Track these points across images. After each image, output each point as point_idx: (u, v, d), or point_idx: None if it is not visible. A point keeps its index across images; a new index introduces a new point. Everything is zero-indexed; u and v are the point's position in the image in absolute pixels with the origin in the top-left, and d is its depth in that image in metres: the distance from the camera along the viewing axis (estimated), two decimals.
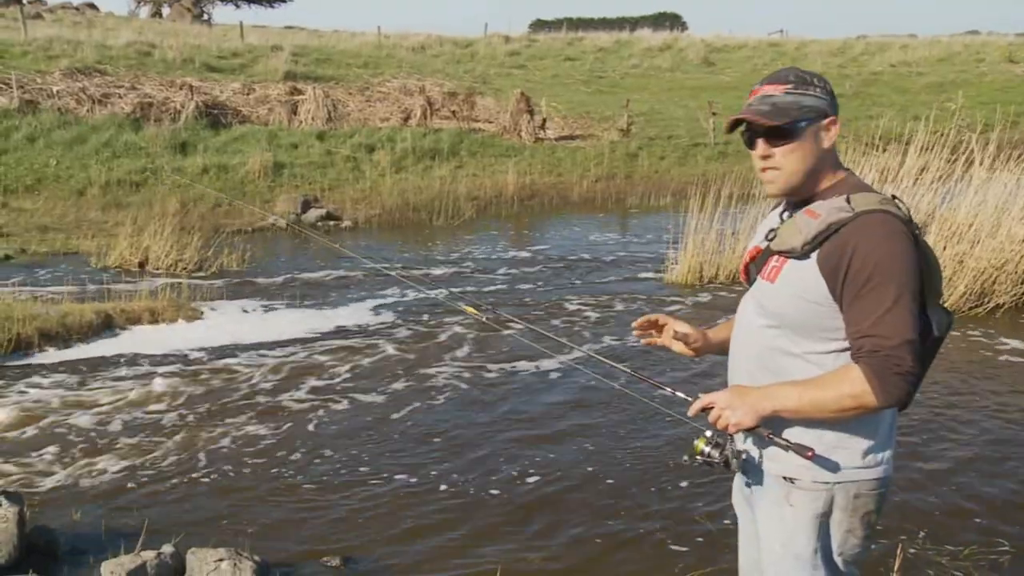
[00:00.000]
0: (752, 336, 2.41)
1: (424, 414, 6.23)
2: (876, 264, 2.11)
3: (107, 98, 17.65)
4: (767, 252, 2.35)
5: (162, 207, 12.91)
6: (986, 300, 8.40)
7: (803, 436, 2.27)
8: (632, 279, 10.29)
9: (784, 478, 2.35)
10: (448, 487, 5.10)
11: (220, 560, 3.89)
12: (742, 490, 2.57)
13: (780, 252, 2.29)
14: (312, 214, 13.72)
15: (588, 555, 4.40)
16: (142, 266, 10.47)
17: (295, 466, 5.38)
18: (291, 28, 39.45)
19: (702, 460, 2.32)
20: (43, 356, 7.31)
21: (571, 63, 29.49)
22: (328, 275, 10.44)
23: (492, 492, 5.03)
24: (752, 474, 2.45)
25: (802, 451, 2.21)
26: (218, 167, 15.30)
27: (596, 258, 11.46)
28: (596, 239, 12.92)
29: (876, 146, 9.55)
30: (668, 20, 57.92)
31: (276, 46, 24.11)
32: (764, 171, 2.32)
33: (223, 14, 48.53)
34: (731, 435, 2.30)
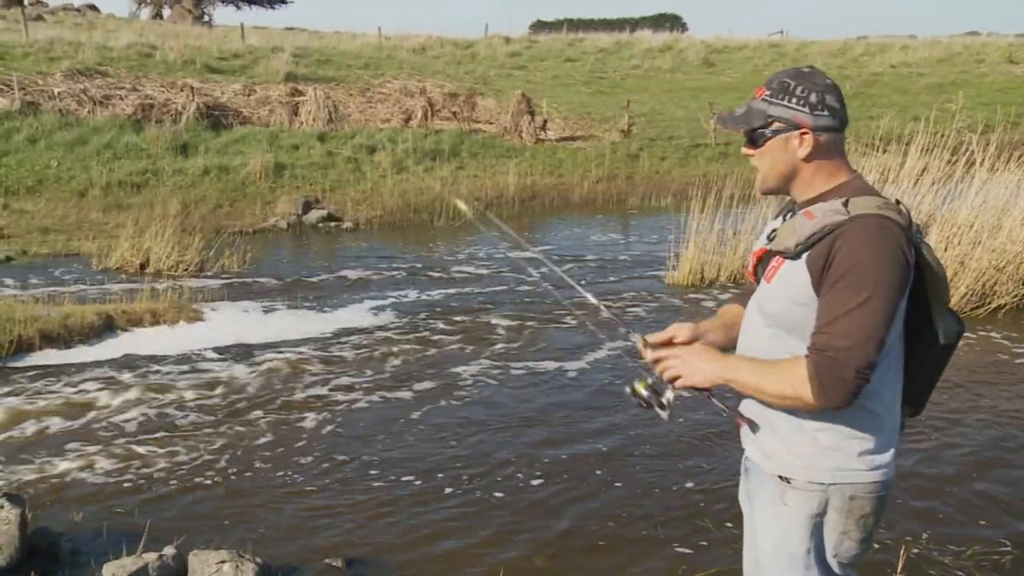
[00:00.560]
0: (755, 336, 2.43)
1: (427, 415, 6.23)
2: (854, 264, 2.10)
3: (108, 99, 17.66)
4: (771, 253, 2.36)
5: (163, 208, 12.92)
6: (987, 301, 8.40)
7: (797, 436, 2.29)
8: (634, 280, 10.29)
9: (780, 477, 2.35)
10: (452, 488, 5.10)
11: (222, 562, 3.89)
12: (746, 488, 2.58)
13: (778, 252, 2.30)
14: (313, 215, 13.73)
15: (592, 556, 4.39)
16: (143, 267, 10.47)
17: (297, 467, 5.38)
18: (292, 29, 39.46)
19: (637, 400, 2.40)
20: (44, 357, 7.31)
21: (572, 64, 29.50)
22: (329, 276, 10.45)
23: (496, 494, 5.02)
24: (751, 472, 2.46)
25: (738, 416, 2.30)
26: (219, 168, 15.31)
27: (597, 259, 11.46)
28: (597, 240, 12.92)
29: (877, 147, 9.55)
30: (668, 21, 57.91)
31: (277, 47, 24.13)
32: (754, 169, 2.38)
33: (224, 15, 48.63)
34: (669, 384, 2.35)
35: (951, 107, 13.45)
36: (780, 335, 2.31)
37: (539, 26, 54.67)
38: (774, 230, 2.37)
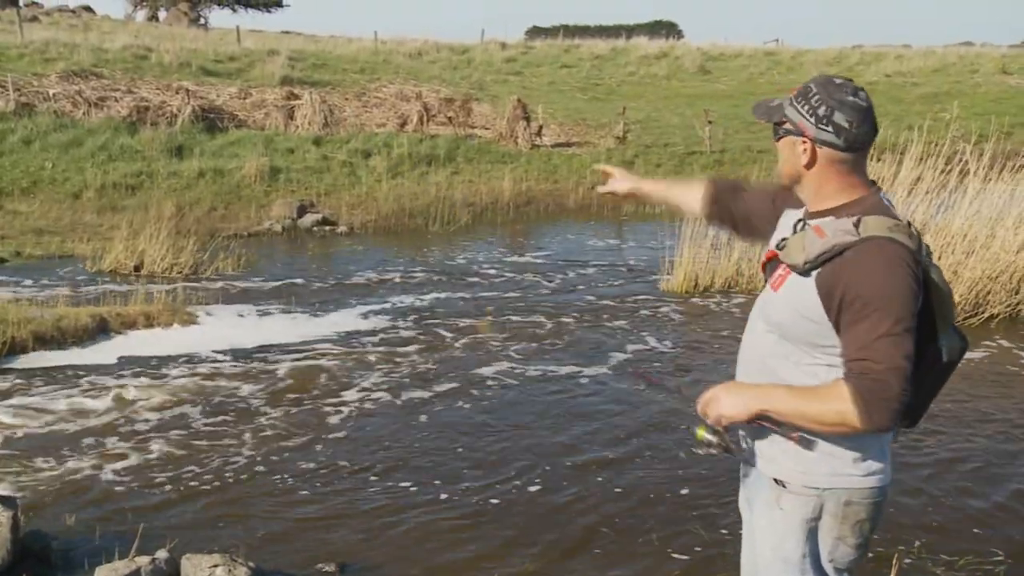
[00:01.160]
0: (756, 339, 2.45)
1: (422, 420, 6.23)
2: (869, 292, 2.12)
3: (103, 101, 17.64)
4: (778, 259, 2.37)
5: (158, 211, 12.89)
6: (981, 310, 8.42)
7: (785, 439, 2.29)
8: (628, 287, 10.29)
9: (776, 481, 2.36)
10: (448, 495, 5.09)
11: (215, 566, 3.88)
12: (745, 494, 2.59)
13: (785, 264, 2.31)
14: (308, 219, 13.72)
15: (588, 564, 4.39)
16: (137, 270, 10.46)
17: (291, 472, 5.37)
18: (288, 33, 39.47)
19: (704, 450, 2.40)
20: (38, 359, 7.28)
21: (567, 70, 29.52)
22: (324, 280, 10.44)
23: (493, 501, 5.02)
24: (750, 476, 2.47)
25: (786, 433, 2.25)
26: (214, 171, 15.29)
27: (592, 266, 11.47)
28: (592, 246, 12.93)
29: (871, 156, 9.55)
30: (664, 28, 57.96)
31: (273, 51, 24.11)
32: None
33: (219, 18, 48.78)
34: (726, 428, 2.34)
35: (945, 116, 13.49)
36: (783, 343, 2.33)
37: (535, 32, 54.71)
38: (784, 239, 2.37)
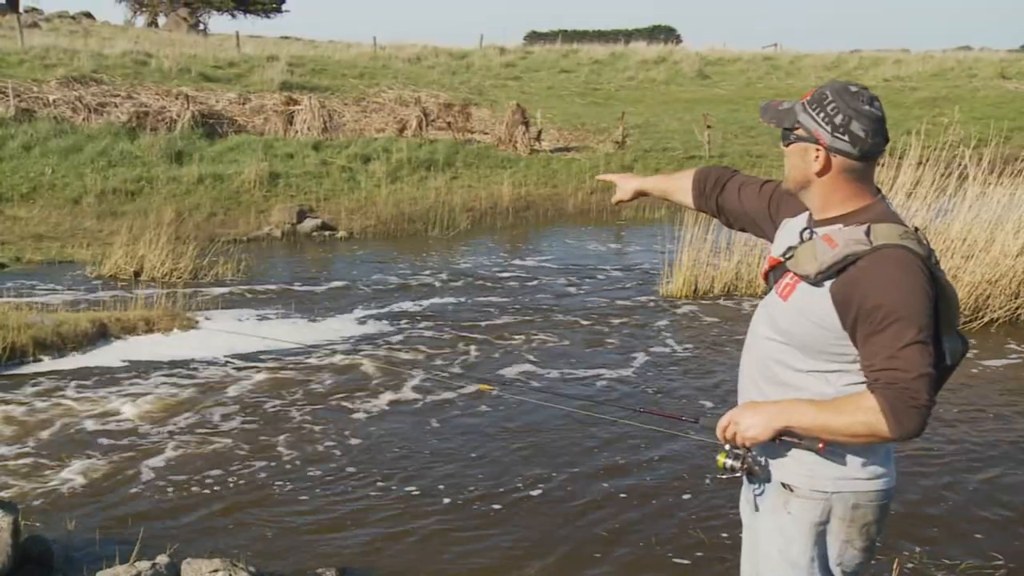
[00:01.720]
0: (759, 345, 2.45)
1: (424, 425, 6.23)
2: (891, 301, 2.12)
3: (103, 107, 17.65)
4: (783, 266, 2.36)
5: (157, 216, 12.89)
6: (980, 315, 8.43)
7: (806, 450, 2.29)
8: (628, 292, 10.29)
9: (783, 485, 2.36)
10: (451, 500, 5.10)
11: (215, 571, 3.88)
12: (748, 498, 2.59)
13: (795, 273, 2.30)
14: (307, 224, 13.73)
15: (588, 567, 4.40)
16: (137, 275, 10.46)
17: (291, 476, 5.37)
18: (287, 38, 39.52)
19: (727, 475, 2.40)
20: (38, 365, 7.29)
21: (566, 75, 29.55)
22: (324, 285, 10.44)
23: (495, 506, 5.02)
24: (758, 482, 2.47)
25: (812, 445, 2.24)
26: (214, 177, 15.29)
27: (591, 270, 11.47)
28: (591, 251, 12.93)
29: None
30: (663, 33, 58.16)
31: (272, 56, 24.15)
32: None
33: (219, 24, 48.81)
34: (748, 448, 2.33)
35: (944, 121, 13.51)
36: (792, 351, 2.33)
37: (534, 37, 54.85)
38: (791, 247, 2.36)
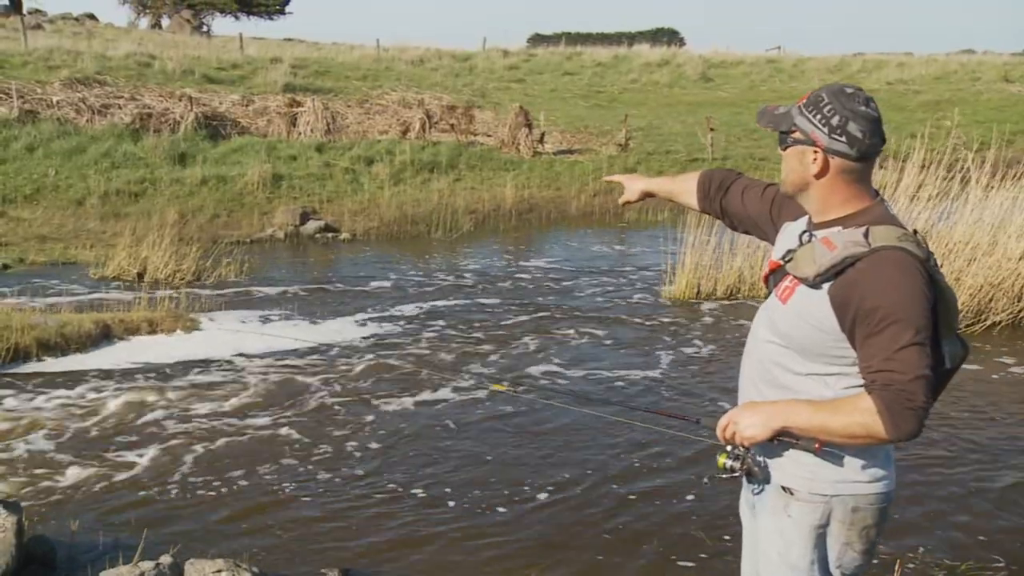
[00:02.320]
0: (758, 348, 2.46)
1: (428, 427, 6.23)
2: (889, 303, 2.12)
3: (107, 108, 17.68)
4: (783, 270, 2.37)
5: (161, 218, 12.93)
6: (983, 317, 8.43)
7: (803, 451, 2.30)
8: (630, 294, 10.30)
9: (783, 488, 2.37)
10: (455, 502, 5.10)
11: (219, 571, 3.89)
12: (748, 499, 2.60)
13: (794, 276, 2.31)
14: (311, 226, 13.74)
15: (590, 569, 4.40)
16: (141, 276, 10.47)
17: (294, 477, 5.38)
18: (290, 40, 39.58)
19: (727, 475, 2.41)
20: (41, 365, 7.30)
21: (569, 77, 29.59)
22: (327, 287, 10.45)
23: (499, 508, 5.02)
24: (757, 483, 2.48)
25: (808, 445, 2.25)
26: (217, 178, 15.31)
27: (594, 272, 11.48)
28: (594, 253, 12.94)
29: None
30: (666, 36, 58.17)
31: (275, 58, 24.21)
32: None
33: (222, 26, 48.77)
34: (747, 448, 2.34)
35: (947, 124, 13.51)
36: (792, 354, 2.34)
37: (537, 39, 54.85)
38: (790, 251, 2.37)
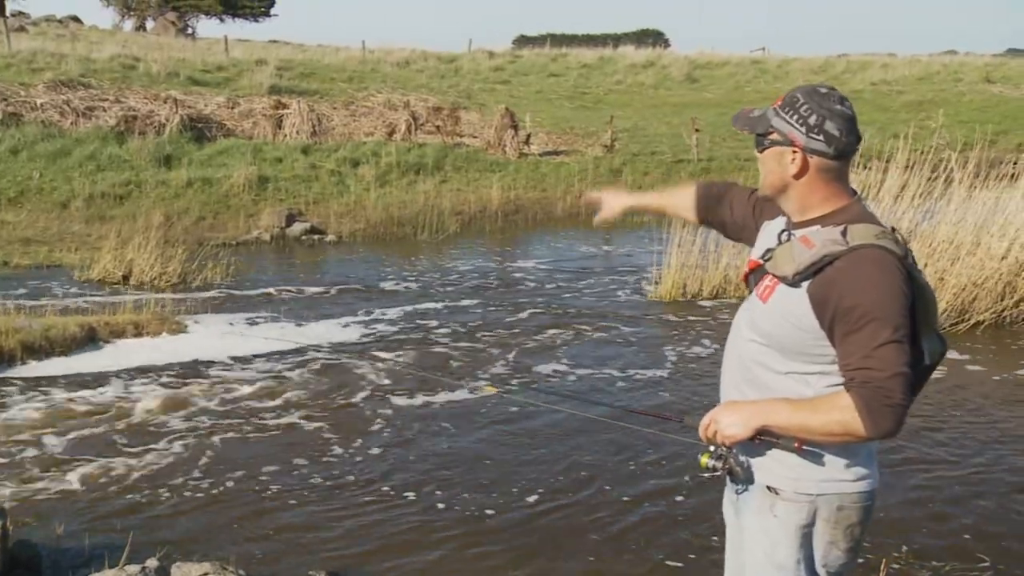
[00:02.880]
0: (740, 347, 2.47)
1: (417, 430, 6.23)
2: (867, 301, 2.14)
3: (91, 111, 17.59)
4: (763, 269, 2.38)
5: (146, 220, 12.86)
6: (967, 317, 8.48)
7: (784, 448, 2.31)
8: (616, 294, 10.33)
9: (768, 488, 2.38)
10: (444, 506, 5.09)
11: (205, 574, 3.88)
12: (731, 498, 2.61)
13: (773, 275, 2.32)
14: (297, 228, 13.72)
15: (577, 569, 4.41)
16: (126, 279, 10.43)
17: (280, 480, 5.37)
18: (275, 42, 39.45)
19: (709, 474, 2.40)
20: (26, 369, 7.26)
21: (555, 79, 29.62)
22: (313, 289, 10.43)
23: (488, 512, 5.02)
24: (739, 483, 2.49)
25: (788, 444, 2.26)
26: (202, 180, 15.26)
27: (581, 273, 11.50)
28: (580, 254, 12.96)
29: (857, 163, 9.65)
30: (651, 37, 58.32)
31: (261, 60, 24.13)
32: None
33: (207, 28, 48.61)
34: (728, 447, 2.35)
35: (930, 125, 13.60)
36: (772, 353, 2.35)
37: (522, 41, 54.89)
38: (769, 250, 2.38)
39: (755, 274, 2.43)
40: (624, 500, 5.14)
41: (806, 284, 2.23)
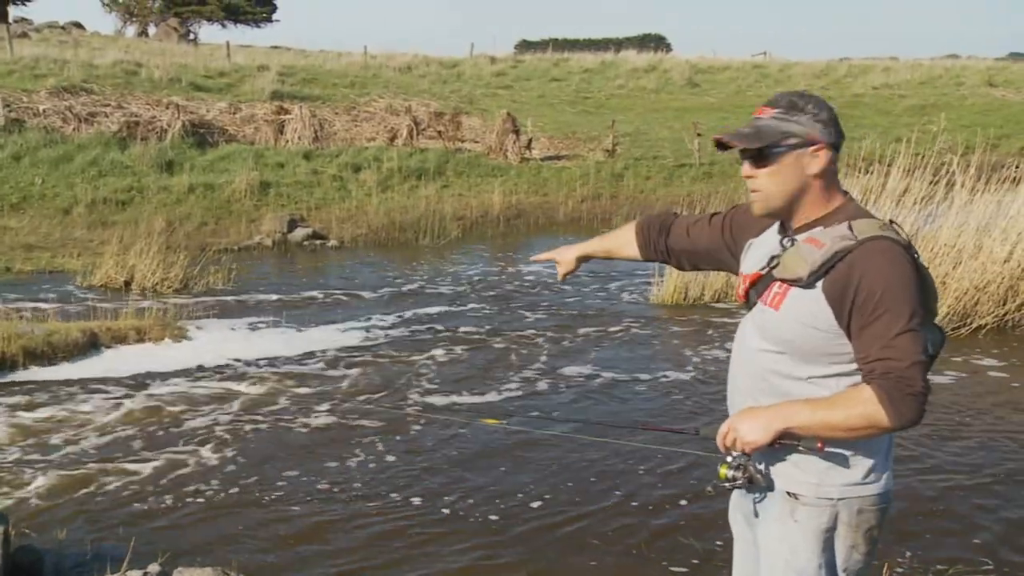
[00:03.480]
0: (752, 358, 2.42)
1: (419, 437, 6.22)
2: (883, 291, 2.14)
3: (93, 117, 17.64)
4: (768, 277, 2.37)
5: (148, 226, 12.89)
6: (969, 321, 8.47)
7: (807, 452, 2.30)
8: (619, 298, 10.33)
9: (788, 494, 2.36)
10: (448, 510, 5.08)
11: None
12: (740, 506, 2.58)
13: (784, 280, 2.31)
14: (298, 233, 13.73)
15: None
16: (128, 285, 10.44)
17: (284, 486, 5.36)
18: (277, 48, 39.51)
19: (730, 485, 2.38)
20: (28, 374, 7.27)
21: (557, 83, 29.63)
22: (315, 294, 10.44)
23: (492, 517, 5.00)
24: (759, 491, 2.47)
25: (811, 444, 2.24)
26: (204, 186, 15.30)
27: (582, 277, 11.48)
28: None
29: (859, 167, 9.64)
30: (653, 41, 58.29)
31: (262, 66, 24.17)
32: (751, 191, 2.36)
33: (209, 33, 48.69)
34: (749, 455, 2.33)
35: (932, 129, 13.59)
36: (790, 360, 2.32)
37: (524, 46, 54.89)
38: (774, 256, 2.36)
39: (758, 286, 2.41)
40: (628, 509, 5.12)
41: (820, 283, 2.23)
